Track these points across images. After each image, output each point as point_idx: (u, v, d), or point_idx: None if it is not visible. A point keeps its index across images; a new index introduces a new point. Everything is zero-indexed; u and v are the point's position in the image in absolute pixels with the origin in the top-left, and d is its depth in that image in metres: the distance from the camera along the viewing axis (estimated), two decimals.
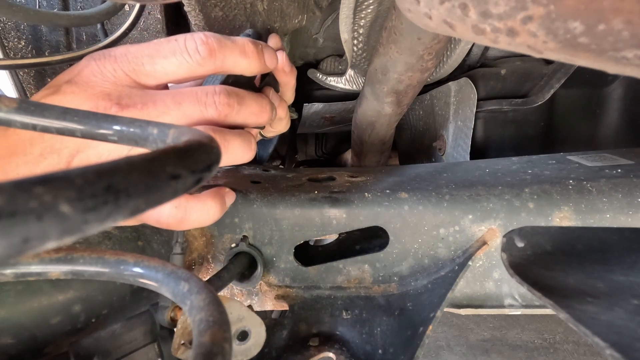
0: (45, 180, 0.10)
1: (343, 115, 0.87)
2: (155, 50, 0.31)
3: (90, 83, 0.31)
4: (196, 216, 0.34)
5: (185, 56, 0.31)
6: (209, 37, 0.32)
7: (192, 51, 0.31)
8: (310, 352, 0.42)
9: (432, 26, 0.26)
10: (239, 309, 0.36)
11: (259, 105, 0.35)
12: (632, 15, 0.17)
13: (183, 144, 0.14)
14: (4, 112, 0.21)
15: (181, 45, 0.31)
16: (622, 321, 0.29)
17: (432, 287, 0.42)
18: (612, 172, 0.44)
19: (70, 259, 0.26)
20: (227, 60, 0.33)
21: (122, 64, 0.31)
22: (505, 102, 0.73)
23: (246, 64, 0.34)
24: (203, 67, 0.32)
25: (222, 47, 0.32)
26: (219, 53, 0.32)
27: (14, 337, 0.31)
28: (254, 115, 0.35)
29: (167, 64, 0.31)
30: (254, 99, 0.35)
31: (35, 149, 0.30)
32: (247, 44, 0.34)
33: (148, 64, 0.31)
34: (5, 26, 0.68)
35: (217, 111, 0.32)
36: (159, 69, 0.31)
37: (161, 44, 0.32)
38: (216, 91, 0.32)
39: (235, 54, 0.33)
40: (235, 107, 0.33)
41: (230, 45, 0.33)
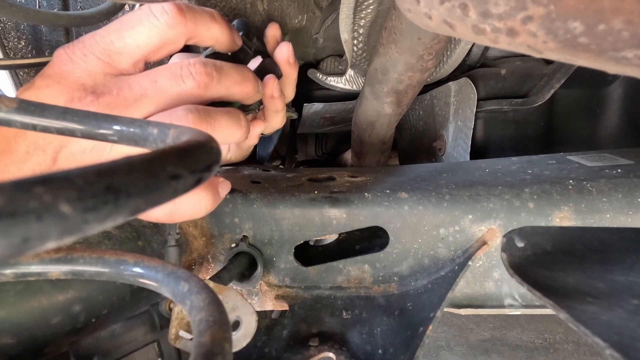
0: (45, 180, 0.10)
1: (343, 115, 0.87)
2: (121, 24, 0.30)
3: (62, 74, 0.30)
4: (187, 208, 0.33)
5: (152, 19, 0.30)
6: (176, 0, 0.31)
7: (159, 13, 0.30)
8: (310, 352, 0.42)
9: (432, 26, 0.26)
10: (234, 299, 0.37)
11: (239, 74, 0.33)
12: (632, 15, 0.17)
13: (183, 144, 0.14)
14: (4, 112, 0.21)
15: (146, 10, 0.30)
16: (622, 321, 0.29)
17: (432, 287, 0.42)
18: (612, 172, 0.44)
19: (70, 259, 0.26)
20: (199, 24, 0.31)
21: (91, 47, 0.30)
22: (505, 102, 0.73)
23: (218, 31, 0.33)
24: (174, 29, 0.30)
25: (191, 9, 0.31)
26: (188, 13, 0.31)
27: (14, 337, 0.31)
28: (237, 84, 0.33)
29: (136, 34, 0.30)
30: (233, 68, 0.33)
31: (20, 146, 0.30)
32: (214, 11, 0.33)
33: (117, 40, 0.30)
34: (5, 26, 0.68)
35: (196, 82, 0.30)
36: (130, 42, 0.30)
37: (127, 17, 0.31)
38: (191, 62, 0.31)
39: (205, 17, 0.32)
40: (215, 75, 0.31)
41: (198, 9, 0.32)
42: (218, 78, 0.31)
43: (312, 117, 0.86)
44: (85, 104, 0.29)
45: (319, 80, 0.74)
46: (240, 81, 0.33)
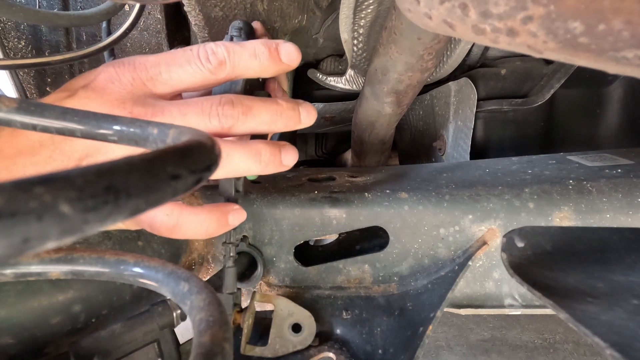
0: (45, 180, 0.10)
1: (343, 115, 0.87)
2: (171, 59, 0.32)
3: (107, 90, 0.32)
4: (189, 228, 0.33)
5: (198, 64, 0.32)
6: (219, 46, 0.32)
7: (204, 60, 0.32)
8: (310, 352, 0.42)
9: (432, 26, 0.26)
10: (287, 305, 0.40)
11: (270, 113, 0.33)
12: (632, 15, 0.17)
13: (183, 144, 0.14)
14: (4, 112, 0.21)
15: (195, 54, 0.32)
16: (622, 321, 0.29)
17: (432, 287, 0.42)
18: (612, 172, 0.44)
19: (70, 259, 0.26)
20: (238, 66, 0.33)
21: (140, 72, 0.32)
22: (505, 102, 0.73)
23: (258, 66, 0.33)
24: (215, 75, 0.33)
25: (231, 54, 0.32)
26: (229, 60, 0.32)
27: (14, 337, 0.31)
28: (265, 124, 0.33)
29: (182, 72, 0.32)
30: (264, 107, 0.33)
31: (45, 151, 0.30)
32: (258, 45, 0.33)
33: (165, 72, 0.32)
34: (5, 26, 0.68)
35: (220, 123, 0.32)
36: (175, 77, 0.32)
37: (177, 53, 0.33)
38: (221, 102, 0.32)
39: (244, 58, 0.33)
40: (240, 118, 0.32)
41: (238, 51, 0.33)
42: (244, 120, 0.32)
43: None
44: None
45: (319, 80, 0.74)
46: (269, 121, 0.34)
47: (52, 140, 0.30)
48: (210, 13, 0.42)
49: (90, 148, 0.31)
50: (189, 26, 0.70)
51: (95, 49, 0.59)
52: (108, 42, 0.60)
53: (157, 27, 0.70)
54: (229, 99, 0.32)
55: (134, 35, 0.70)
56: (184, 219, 0.33)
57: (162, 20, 0.67)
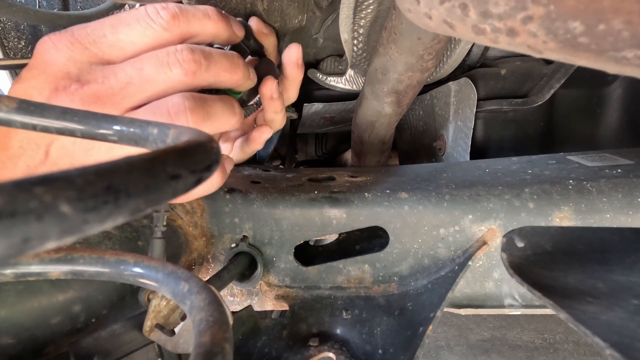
0: (45, 180, 0.10)
1: (343, 115, 0.87)
2: (117, 20, 0.30)
3: (47, 62, 0.29)
4: (201, 188, 0.33)
5: (147, 21, 0.30)
6: (169, 3, 0.31)
7: (154, 15, 0.30)
8: (310, 352, 0.42)
9: (432, 26, 0.26)
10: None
11: (229, 61, 0.33)
12: (632, 15, 0.17)
13: (183, 144, 0.14)
14: (4, 112, 0.21)
15: (142, 11, 0.30)
16: (622, 321, 0.29)
17: (432, 287, 0.42)
18: (612, 172, 0.44)
19: (70, 259, 0.26)
20: (193, 23, 0.32)
21: (80, 37, 0.30)
22: (505, 102, 0.73)
23: (213, 27, 0.33)
24: (168, 32, 0.31)
25: (184, 10, 0.31)
26: (182, 15, 0.31)
27: (14, 337, 0.31)
28: (226, 71, 0.33)
29: (131, 31, 0.30)
30: (223, 55, 0.33)
31: (14, 142, 0.29)
32: (210, 8, 0.33)
33: (110, 33, 0.30)
34: (5, 26, 0.68)
35: (183, 69, 0.30)
36: (123, 38, 0.30)
37: (123, 14, 0.31)
38: (178, 49, 0.30)
39: (198, 16, 0.32)
40: (203, 62, 0.31)
41: (191, 9, 0.32)
42: (206, 65, 0.31)
43: (312, 117, 0.86)
44: (70, 93, 0.29)
45: (319, 80, 0.73)
46: (229, 68, 0.33)
47: (17, 131, 0.29)
48: None
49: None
50: None
51: None
52: None
53: None
54: (185, 45, 0.31)
55: None
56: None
57: None
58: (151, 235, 0.38)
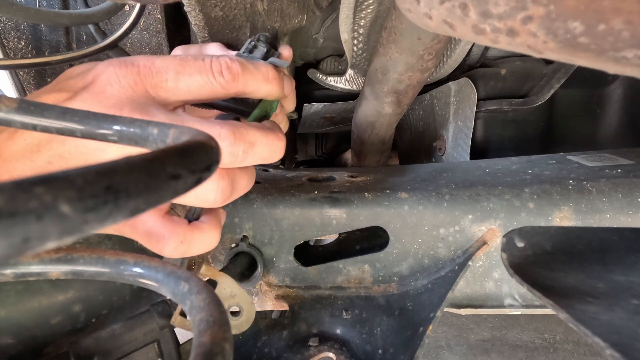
0: (45, 180, 0.10)
1: (343, 115, 0.87)
2: (181, 67, 0.31)
3: (105, 93, 0.30)
4: (199, 247, 0.33)
5: (210, 77, 0.31)
6: (234, 62, 0.32)
7: (217, 73, 0.31)
8: (310, 352, 0.42)
9: (432, 26, 0.26)
10: (232, 286, 0.38)
11: (263, 75, 0.34)
12: (632, 15, 0.17)
13: (183, 144, 0.14)
14: (4, 112, 0.21)
15: (207, 65, 0.31)
16: (622, 321, 0.29)
17: (432, 287, 0.42)
18: (612, 172, 0.44)
19: (70, 259, 0.26)
20: (249, 85, 0.33)
21: (145, 77, 0.30)
22: (505, 102, 0.73)
23: (267, 90, 0.34)
24: (225, 90, 0.32)
25: (245, 72, 0.32)
26: (242, 77, 0.32)
27: (14, 337, 0.31)
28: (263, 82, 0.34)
29: (192, 82, 0.31)
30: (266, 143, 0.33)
31: (43, 156, 0.29)
32: (270, 70, 0.34)
33: (172, 80, 0.30)
34: (5, 26, 0.68)
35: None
36: (182, 86, 0.31)
37: (188, 62, 0.31)
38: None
39: (257, 80, 0.33)
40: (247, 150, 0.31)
41: (253, 71, 0.33)
42: (245, 155, 0.31)
43: (312, 117, 0.86)
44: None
45: (319, 80, 0.74)
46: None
47: (50, 146, 0.29)
48: (210, 13, 0.42)
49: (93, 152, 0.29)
50: (189, 26, 0.70)
51: (95, 49, 0.59)
52: (108, 42, 0.60)
53: (157, 27, 0.70)
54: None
55: (134, 35, 0.70)
56: (195, 241, 0.33)
57: (162, 20, 0.67)
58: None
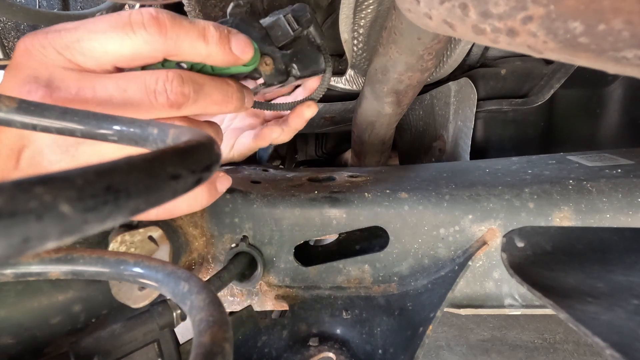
0: (45, 180, 0.10)
1: (343, 115, 0.87)
2: (94, 24, 0.26)
3: (18, 65, 0.27)
4: (184, 204, 0.32)
5: (127, 30, 0.26)
6: (161, 12, 0.27)
7: (136, 24, 0.26)
8: (310, 352, 0.42)
9: (432, 26, 0.26)
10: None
11: (222, 94, 0.31)
12: (632, 15, 0.17)
13: (183, 144, 0.14)
14: (4, 112, 0.21)
15: (124, 18, 0.26)
16: (622, 321, 0.29)
17: (432, 287, 0.42)
18: (612, 172, 0.44)
19: (70, 259, 0.26)
20: (182, 43, 0.28)
21: (53, 40, 0.26)
22: (505, 102, 0.73)
23: (205, 49, 0.29)
24: (150, 46, 0.27)
25: (176, 25, 0.27)
26: (171, 31, 0.27)
27: (14, 337, 0.31)
28: (216, 104, 0.31)
29: (107, 40, 0.26)
30: (216, 87, 0.30)
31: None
32: (208, 26, 0.29)
33: (85, 39, 0.26)
34: (5, 26, 0.68)
35: (169, 101, 0.28)
36: (97, 46, 0.26)
37: (104, 17, 0.27)
38: (169, 77, 0.28)
39: (192, 36, 0.28)
40: (192, 96, 0.28)
41: (186, 25, 0.28)
42: (195, 99, 0.29)
43: (312, 117, 0.86)
44: (37, 99, 0.26)
45: None
46: (220, 101, 0.31)
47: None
48: (210, 13, 0.42)
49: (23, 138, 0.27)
50: None
51: None
52: None
53: None
54: (177, 73, 0.28)
55: None
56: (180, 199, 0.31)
57: None
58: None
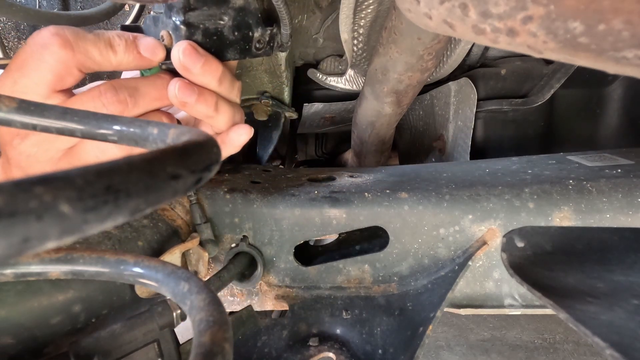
0: (45, 180, 0.10)
1: (343, 115, 0.87)
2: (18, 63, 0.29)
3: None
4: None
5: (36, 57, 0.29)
6: (61, 29, 0.29)
7: (43, 47, 0.28)
8: (310, 352, 0.42)
9: (432, 26, 0.26)
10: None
11: (157, 90, 0.32)
12: (632, 15, 0.17)
13: (183, 144, 0.14)
14: (4, 112, 0.21)
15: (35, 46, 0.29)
16: (622, 321, 0.29)
17: (432, 287, 0.42)
18: (612, 172, 0.44)
19: (70, 259, 0.26)
20: (92, 54, 0.29)
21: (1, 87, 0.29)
22: (505, 102, 0.73)
23: (116, 59, 0.31)
24: (62, 64, 0.29)
25: (79, 39, 0.29)
26: (76, 45, 0.29)
27: (14, 337, 0.31)
28: (157, 100, 0.32)
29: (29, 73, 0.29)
30: (150, 84, 0.32)
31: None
32: (113, 36, 0.31)
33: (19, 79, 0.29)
34: (5, 26, 0.68)
35: (110, 112, 0.30)
36: (27, 82, 0.29)
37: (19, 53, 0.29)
38: (101, 91, 0.30)
39: (100, 47, 0.30)
40: (129, 100, 0.30)
41: (91, 37, 0.29)
42: (134, 102, 0.31)
43: (312, 117, 0.86)
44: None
45: (319, 80, 0.73)
46: (159, 97, 0.32)
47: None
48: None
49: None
50: None
51: None
52: None
53: None
54: (109, 85, 0.30)
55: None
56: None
57: None
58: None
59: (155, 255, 0.42)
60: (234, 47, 0.36)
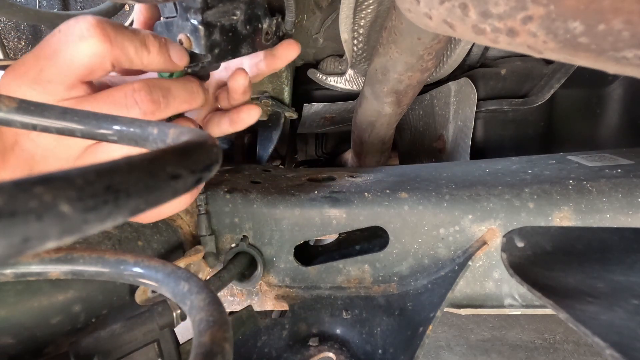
0: (45, 180, 0.10)
1: (343, 115, 0.87)
2: (49, 48, 0.28)
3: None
4: (169, 208, 0.34)
5: (72, 46, 0.28)
6: (101, 21, 0.28)
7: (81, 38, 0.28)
8: (310, 352, 0.42)
9: (432, 26, 0.26)
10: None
11: (188, 92, 0.33)
12: (632, 15, 0.17)
13: (183, 144, 0.14)
14: (4, 112, 0.21)
15: (71, 34, 0.28)
16: (622, 321, 0.29)
17: (432, 287, 0.42)
18: (612, 172, 0.44)
19: (70, 259, 0.26)
20: (128, 50, 0.29)
21: (22, 78, 0.29)
22: (505, 102, 0.73)
23: (147, 59, 0.31)
24: (98, 58, 0.28)
25: (119, 34, 0.29)
26: (115, 39, 0.28)
27: (14, 337, 0.31)
28: (186, 103, 0.33)
29: (60, 61, 0.28)
30: (182, 87, 0.32)
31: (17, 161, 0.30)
32: (148, 36, 0.31)
33: (46, 67, 0.29)
34: (5, 26, 0.68)
35: (142, 110, 0.29)
36: (55, 71, 0.28)
37: (53, 40, 0.28)
38: (135, 89, 0.30)
39: (135, 44, 0.29)
40: (162, 101, 0.30)
41: (129, 34, 0.29)
42: (166, 103, 0.31)
43: (312, 117, 0.86)
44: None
45: (319, 80, 0.73)
46: (188, 99, 0.33)
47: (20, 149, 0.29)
48: None
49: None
50: None
51: None
52: None
53: None
54: (144, 83, 0.30)
55: None
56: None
57: None
58: (171, 252, 0.42)
59: (155, 255, 0.42)
60: (247, 41, 0.37)
